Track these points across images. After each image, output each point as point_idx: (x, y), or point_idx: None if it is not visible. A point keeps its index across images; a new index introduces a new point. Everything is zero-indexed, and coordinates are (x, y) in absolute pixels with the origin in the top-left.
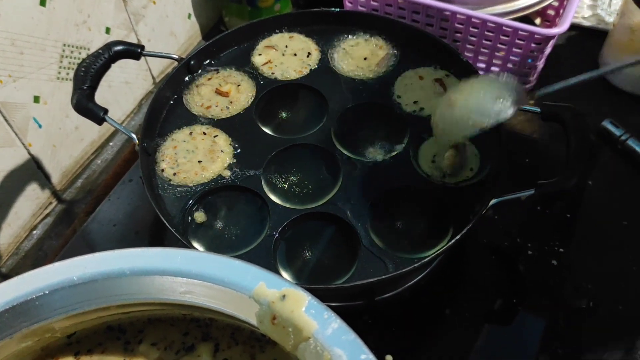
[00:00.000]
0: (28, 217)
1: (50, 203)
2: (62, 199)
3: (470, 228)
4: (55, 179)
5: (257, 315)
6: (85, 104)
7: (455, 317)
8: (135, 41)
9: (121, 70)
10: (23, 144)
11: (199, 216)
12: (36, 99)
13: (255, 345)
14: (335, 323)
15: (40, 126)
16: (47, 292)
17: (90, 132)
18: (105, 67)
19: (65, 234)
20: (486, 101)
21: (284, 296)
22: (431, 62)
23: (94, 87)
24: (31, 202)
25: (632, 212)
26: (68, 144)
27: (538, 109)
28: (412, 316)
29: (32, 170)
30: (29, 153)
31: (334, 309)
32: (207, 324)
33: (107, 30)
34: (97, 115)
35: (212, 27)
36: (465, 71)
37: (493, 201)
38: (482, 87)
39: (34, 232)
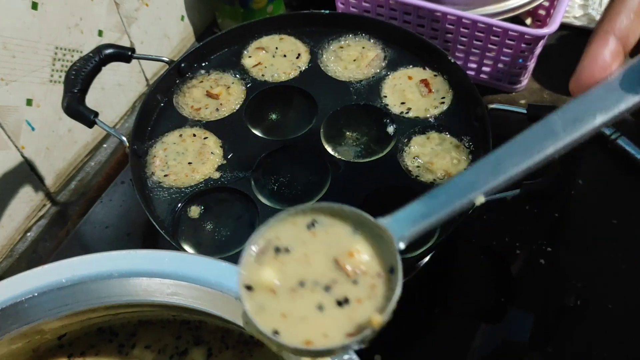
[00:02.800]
0: (22, 219)
1: (44, 205)
2: (56, 201)
3: (457, 228)
4: (49, 181)
5: (243, 316)
6: (76, 107)
7: (444, 317)
8: (128, 44)
9: (114, 73)
10: (16, 146)
11: (194, 211)
12: (29, 102)
13: (244, 349)
14: None
15: (33, 129)
16: (36, 294)
17: (83, 135)
18: (96, 71)
19: (59, 236)
20: None
21: None
22: (420, 63)
23: (84, 90)
24: (25, 205)
25: (621, 210)
26: (61, 146)
27: (524, 110)
28: (401, 316)
29: (26, 173)
30: (22, 156)
31: None
32: (197, 326)
33: (100, 33)
34: (87, 118)
35: (206, 29)
36: (454, 72)
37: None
38: None
39: (28, 234)
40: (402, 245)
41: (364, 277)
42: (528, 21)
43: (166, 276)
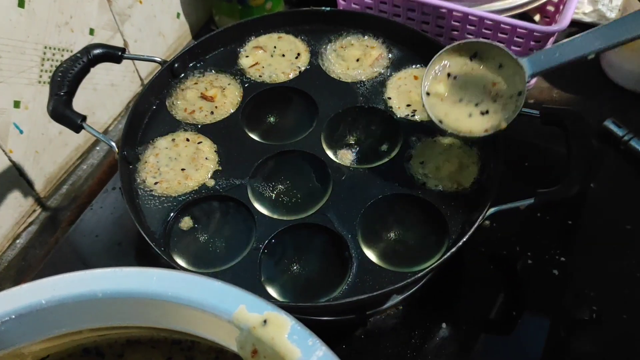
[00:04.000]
0: (11, 226)
1: (34, 211)
2: (46, 207)
3: (467, 239)
4: (39, 185)
5: (238, 340)
6: (62, 111)
7: (452, 331)
8: (121, 42)
9: (107, 73)
10: (3, 150)
11: (187, 221)
12: (16, 104)
13: None
14: (320, 351)
15: (21, 132)
16: (13, 316)
17: (75, 137)
18: (84, 72)
19: (49, 243)
20: None
21: (265, 321)
22: (426, 62)
23: (71, 92)
24: (13, 210)
25: (635, 215)
26: (52, 149)
27: (537, 113)
28: (407, 330)
29: (14, 178)
30: (10, 160)
31: (325, 323)
32: (189, 346)
33: (91, 32)
34: (74, 122)
35: (203, 26)
36: None
37: (491, 210)
38: None
39: (18, 241)
40: (529, 78)
41: (501, 98)
42: (536, 18)
43: (154, 297)
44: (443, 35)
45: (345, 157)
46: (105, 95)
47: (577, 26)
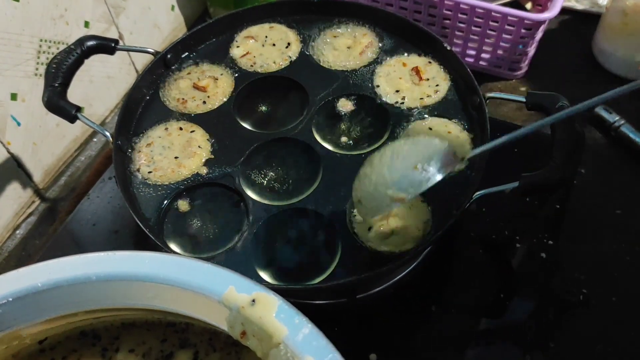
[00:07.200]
0: (10, 217)
1: (33, 202)
2: (45, 198)
3: (454, 222)
4: (38, 177)
5: (228, 320)
6: (57, 102)
7: (441, 314)
8: (116, 35)
9: (103, 65)
10: (1, 142)
11: (180, 208)
12: (13, 97)
13: (232, 351)
14: (307, 328)
15: (19, 124)
16: (10, 299)
17: (72, 129)
18: (78, 63)
19: (48, 234)
20: (404, 171)
21: (253, 301)
22: (415, 49)
23: (65, 84)
24: (13, 202)
25: (625, 200)
26: (49, 141)
27: (523, 99)
28: (397, 313)
29: (13, 169)
30: (8, 152)
31: (317, 307)
32: (183, 328)
33: (86, 24)
34: (69, 113)
35: (198, 18)
36: (450, 60)
37: (477, 194)
38: (400, 154)
39: (17, 231)
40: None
41: None
42: (528, 6)
43: (147, 279)
44: (435, 24)
45: (335, 143)
46: (102, 87)
47: (570, 14)
